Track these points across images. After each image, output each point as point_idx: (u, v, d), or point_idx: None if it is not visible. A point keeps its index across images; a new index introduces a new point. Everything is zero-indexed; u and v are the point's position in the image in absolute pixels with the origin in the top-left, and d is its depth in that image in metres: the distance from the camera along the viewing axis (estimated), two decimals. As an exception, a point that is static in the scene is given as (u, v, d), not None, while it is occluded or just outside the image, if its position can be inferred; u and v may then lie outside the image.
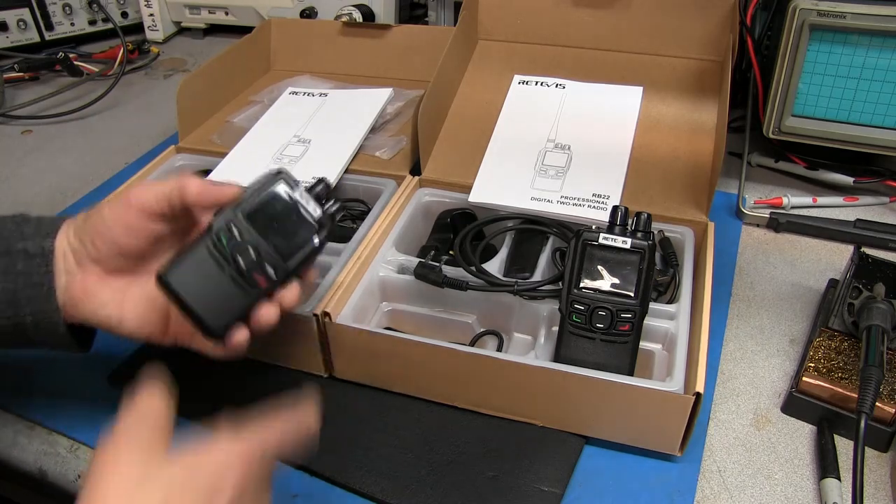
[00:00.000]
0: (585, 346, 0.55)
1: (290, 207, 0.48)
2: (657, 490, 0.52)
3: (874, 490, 0.52)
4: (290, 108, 0.87)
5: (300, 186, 0.48)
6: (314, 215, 0.48)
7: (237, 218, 0.47)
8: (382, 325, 0.64)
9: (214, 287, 0.46)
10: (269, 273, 0.47)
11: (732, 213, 0.80)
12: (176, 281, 0.46)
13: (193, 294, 0.46)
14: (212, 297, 0.46)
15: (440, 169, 0.75)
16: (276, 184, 0.48)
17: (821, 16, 0.68)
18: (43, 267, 0.47)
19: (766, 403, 0.59)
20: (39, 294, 0.47)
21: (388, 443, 0.55)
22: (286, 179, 0.48)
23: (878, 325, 0.54)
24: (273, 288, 0.47)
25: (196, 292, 0.46)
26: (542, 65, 0.82)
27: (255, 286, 0.47)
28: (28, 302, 0.47)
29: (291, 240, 0.48)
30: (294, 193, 0.48)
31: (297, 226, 0.48)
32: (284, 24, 1.00)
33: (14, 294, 0.47)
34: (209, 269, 0.46)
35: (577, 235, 0.56)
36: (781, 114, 0.75)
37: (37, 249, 0.48)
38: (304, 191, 0.48)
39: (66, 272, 0.49)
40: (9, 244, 0.48)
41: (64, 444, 0.57)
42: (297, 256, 0.47)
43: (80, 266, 0.49)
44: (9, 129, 1.02)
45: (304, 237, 0.48)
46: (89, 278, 0.49)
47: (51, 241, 0.48)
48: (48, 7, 1.19)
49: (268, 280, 0.47)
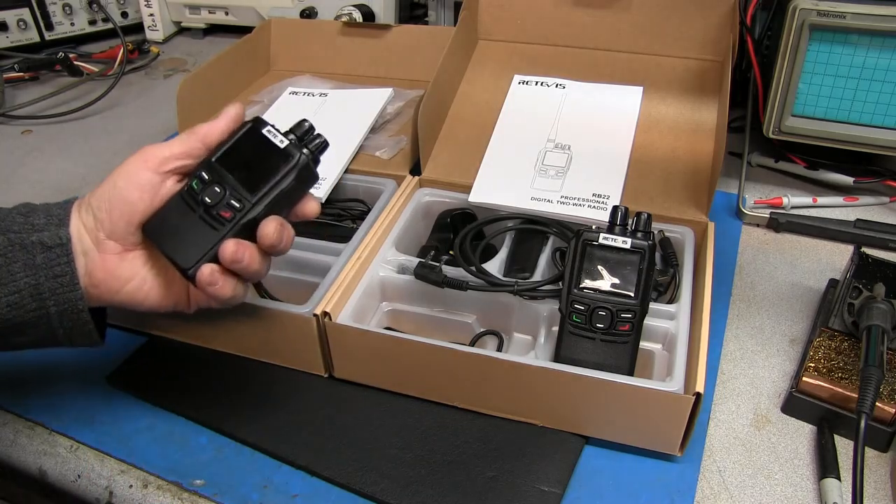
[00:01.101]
0: (585, 346, 0.55)
1: (258, 144, 0.49)
2: (657, 490, 0.52)
3: (874, 490, 0.52)
4: (290, 108, 0.87)
5: (269, 125, 0.50)
6: (280, 147, 0.49)
7: (209, 163, 0.49)
8: (382, 325, 0.64)
9: (187, 229, 0.48)
10: (233, 205, 0.48)
11: (732, 213, 0.80)
12: (153, 228, 0.48)
13: (168, 237, 0.48)
14: (184, 238, 0.47)
15: (440, 169, 0.75)
16: (244, 126, 0.50)
17: (821, 16, 0.68)
18: (63, 257, 0.47)
19: (766, 403, 0.59)
20: (63, 285, 0.47)
21: (388, 443, 0.55)
22: (256, 121, 0.50)
23: (878, 325, 0.54)
24: (241, 220, 0.48)
25: (171, 236, 0.48)
26: (542, 65, 0.82)
27: (221, 221, 0.48)
28: (52, 294, 0.47)
29: (258, 172, 0.48)
30: (264, 130, 0.49)
31: (265, 160, 0.49)
32: (284, 24, 1.00)
33: (37, 288, 0.46)
34: (183, 213, 0.48)
35: (577, 235, 0.56)
36: (781, 114, 0.75)
37: (54, 240, 0.47)
38: (273, 128, 0.50)
39: (84, 254, 0.48)
40: (22, 238, 0.47)
41: (64, 444, 0.57)
42: (265, 188, 0.48)
43: (97, 245, 0.48)
44: (9, 129, 1.02)
45: (272, 168, 0.49)
46: (109, 257, 0.48)
47: (66, 230, 0.47)
48: (48, 7, 1.19)
49: (233, 212, 0.48)
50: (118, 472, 0.55)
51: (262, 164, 0.49)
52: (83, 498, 0.56)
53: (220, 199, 0.48)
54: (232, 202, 0.48)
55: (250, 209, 0.48)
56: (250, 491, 0.53)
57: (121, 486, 0.54)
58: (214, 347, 0.63)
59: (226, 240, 0.47)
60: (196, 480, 0.53)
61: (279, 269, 0.66)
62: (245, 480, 0.53)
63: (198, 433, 0.57)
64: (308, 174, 0.50)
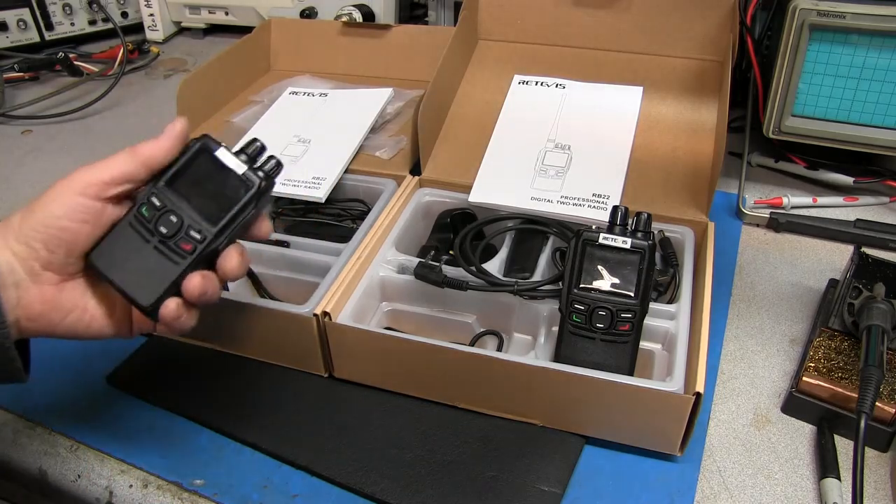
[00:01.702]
0: (585, 346, 0.55)
1: (212, 168, 0.46)
2: (657, 490, 0.52)
3: (874, 490, 0.52)
4: (290, 108, 0.87)
5: (222, 147, 0.46)
6: (238, 172, 0.46)
7: (158, 187, 0.45)
8: (382, 325, 0.64)
9: (142, 261, 0.44)
10: (194, 237, 0.45)
11: (732, 213, 0.80)
12: (101, 260, 0.45)
13: (121, 271, 0.44)
14: (140, 271, 0.44)
15: (440, 169, 0.75)
16: (194, 147, 0.46)
17: (821, 16, 0.68)
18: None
19: (766, 403, 0.59)
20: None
21: (389, 443, 0.55)
22: (206, 142, 0.46)
23: (878, 325, 0.54)
24: (202, 252, 0.45)
25: (123, 268, 0.44)
26: (542, 65, 0.82)
27: (181, 254, 0.45)
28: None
29: (217, 200, 0.45)
30: (216, 153, 0.46)
31: (222, 186, 0.45)
32: (284, 24, 1.00)
33: None
34: (134, 242, 0.45)
35: (577, 235, 0.56)
36: (781, 114, 0.75)
37: None
38: (226, 150, 0.46)
39: (16, 285, 0.44)
40: None
41: (64, 444, 0.57)
42: (226, 217, 0.45)
43: (32, 276, 0.44)
44: (9, 129, 1.02)
45: (231, 196, 0.45)
46: (46, 288, 0.45)
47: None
48: (48, 7, 1.19)
49: (194, 244, 0.45)
50: (118, 472, 0.55)
51: (218, 190, 0.45)
52: (83, 498, 0.56)
53: (178, 229, 0.45)
54: (192, 233, 0.45)
55: (212, 240, 0.45)
56: (250, 491, 0.53)
57: (121, 486, 0.54)
58: (214, 347, 0.63)
59: (188, 273, 0.45)
60: (196, 480, 0.53)
61: (279, 269, 0.66)
62: (245, 480, 0.53)
63: (198, 433, 0.57)
64: (267, 199, 0.47)
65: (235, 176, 0.46)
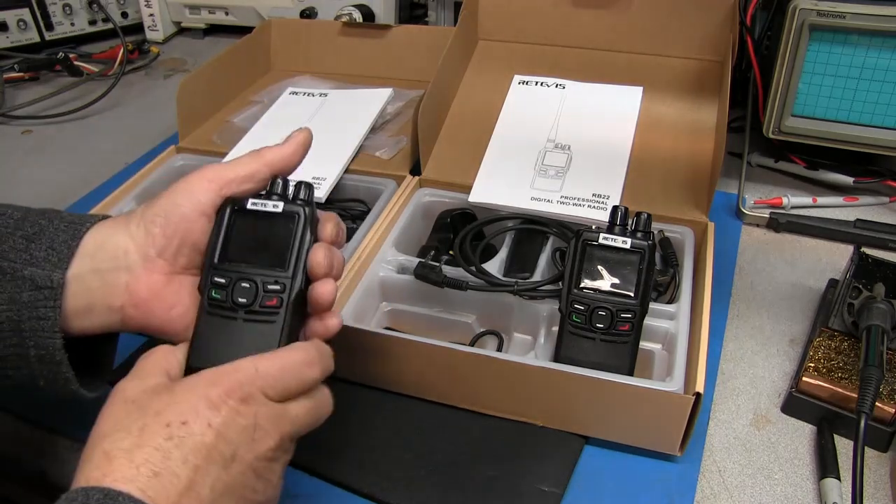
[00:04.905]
0: (585, 346, 0.55)
1: (254, 222, 0.45)
2: (657, 490, 0.52)
3: (874, 490, 0.52)
4: (291, 108, 0.87)
5: (250, 199, 0.46)
6: (278, 211, 0.45)
7: (214, 267, 0.44)
8: (382, 325, 0.64)
9: (241, 339, 0.43)
10: (274, 290, 0.44)
11: (732, 213, 0.80)
12: (201, 359, 0.43)
13: (225, 357, 0.41)
14: (246, 349, 0.42)
15: (440, 169, 0.75)
16: (225, 213, 0.45)
17: (821, 16, 0.68)
18: (50, 301, 0.43)
19: (766, 403, 0.59)
20: (44, 328, 0.43)
21: (389, 443, 0.55)
22: (234, 202, 0.46)
23: (878, 325, 0.54)
24: (290, 300, 0.44)
25: (227, 354, 0.42)
26: (542, 65, 0.82)
27: (272, 312, 0.43)
28: (32, 334, 0.43)
29: (274, 247, 0.45)
30: (249, 206, 0.45)
31: (271, 232, 0.45)
32: (284, 24, 1.00)
33: (18, 324, 0.43)
34: (223, 327, 0.44)
35: (577, 235, 0.56)
36: (781, 114, 0.75)
37: (45, 282, 0.43)
38: (255, 199, 0.46)
39: (127, 269, 0.44)
40: (14, 268, 0.43)
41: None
42: (292, 257, 0.44)
43: (144, 262, 0.45)
44: (9, 129, 1.02)
45: (285, 235, 0.45)
46: (155, 277, 0.45)
47: (61, 273, 0.43)
48: (48, 7, 1.19)
49: (278, 296, 0.44)
50: (118, 472, 0.55)
51: (270, 238, 0.45)
52: (83, 498, 0.55)
53: (255, 292, 0.43)
54: (270, 288, 0.43)
55: (292, 284, 0.44)
56: (250, 491, 0.52)
57: (121, 486, 0.54)
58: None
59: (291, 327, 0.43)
60: (196, 480, 0.53)
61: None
62: (245, 480, 0.53)
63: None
64: (317, 221, 0.46)
65: (278, 216, 0.45)
